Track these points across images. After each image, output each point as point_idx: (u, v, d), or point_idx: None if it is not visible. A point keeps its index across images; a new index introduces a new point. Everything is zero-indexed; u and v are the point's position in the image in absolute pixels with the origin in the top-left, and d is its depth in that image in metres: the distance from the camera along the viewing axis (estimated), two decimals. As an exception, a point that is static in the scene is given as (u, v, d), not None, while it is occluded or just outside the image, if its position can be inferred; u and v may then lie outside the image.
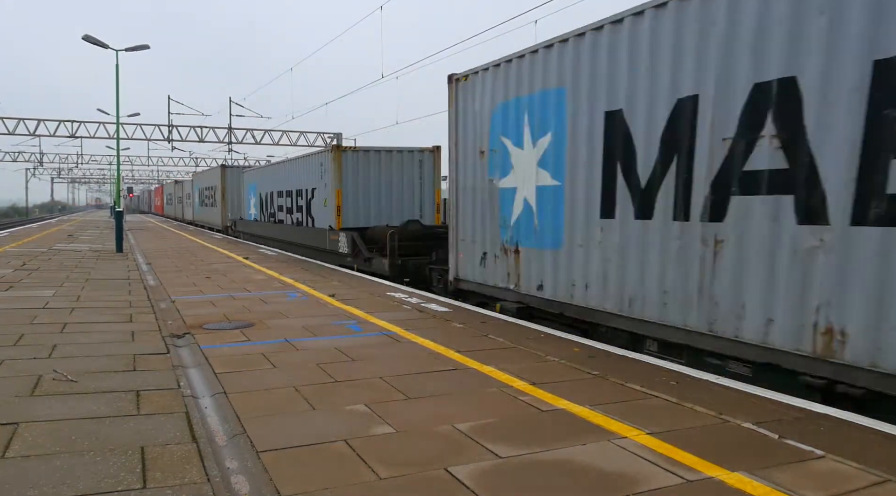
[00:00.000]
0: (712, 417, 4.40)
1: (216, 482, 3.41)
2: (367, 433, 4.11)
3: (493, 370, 5.61)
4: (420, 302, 9.44)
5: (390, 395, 4.91)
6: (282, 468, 3.55)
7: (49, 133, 39.12)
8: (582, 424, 4.28)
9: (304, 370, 5.63)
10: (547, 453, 3.78)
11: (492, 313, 8.59)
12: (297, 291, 10.57)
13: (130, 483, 3.37)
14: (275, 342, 6.75)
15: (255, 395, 4.89)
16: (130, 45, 20.52)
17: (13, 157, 58.72)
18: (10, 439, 3.95)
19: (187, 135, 41.54)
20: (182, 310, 8.66)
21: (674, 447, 3.86)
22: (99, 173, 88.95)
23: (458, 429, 4.18)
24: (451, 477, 3.45)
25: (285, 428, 4.20)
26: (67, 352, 6.24)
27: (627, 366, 5.77)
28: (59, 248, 20.25)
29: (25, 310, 8.56)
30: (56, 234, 29.11)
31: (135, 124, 40.71)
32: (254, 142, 41.15)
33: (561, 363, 5.88)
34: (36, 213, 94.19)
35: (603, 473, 3.51)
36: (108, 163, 65.44)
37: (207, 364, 5.84)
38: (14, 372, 5.51)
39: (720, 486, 3.35)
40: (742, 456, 3.74)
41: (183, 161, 61.27)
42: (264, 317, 8.14)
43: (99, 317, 8.23)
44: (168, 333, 7.19)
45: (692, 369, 5.75)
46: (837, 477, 3.47)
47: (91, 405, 4.64)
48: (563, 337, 7.06)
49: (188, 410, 4.57)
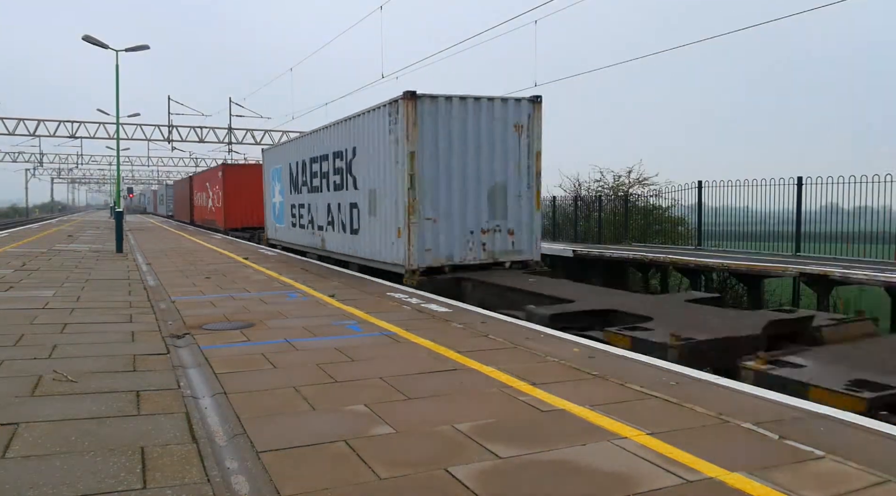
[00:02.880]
0: (712, 417, 4.40)
1: (216, 482, 3.41)
2: (367, 433, 4.11)
3: (493, 370, 5.61)
4: (420, 302, 9.44)
5: (390, 396, 4.91)
6: (282, 468, 3.55)
7: (49, 133, 39.18)
8: (582, 424, 4.28)
9: (304, 370, 5.63)
10: (547, 453, 3.78)
11: (492, 313, 8.60)
12: (296, 292, 10.57)
13: (130, 483, 3.38)
14: (275, 342, 6.75)
15: (255, 396, 4.89)
16: (130, 45, 20.52)
17: (13, 157, 58.75)
18: (11, 439, 3.95)
19: (187, 135, 41.60)
20: (182, 311, 8.66)
21: (674, 447, 3.86)
22: (99, 173, 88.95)
23: (458, 429, 4.18)
24: (451, 477, 3.45)
25: (285, 428, 4.20)
26: (67, 353, 6.24)
27: (627, 367, 5.77)
28: (59, 248, 20.25)
29: (25, 311, 8.56)
30: (56, 234, 29.12)
31: (135, 124, 40.78)
32: (254, 142, 41.19)
33: (561, 363, 5.88)
34: (36, 213, 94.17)
35: (603, 473, 3.51)
36: (108, 163, 65.46)
37: (207, 364, 5.84)
38: (14, 372, 5.51)
39: (720, 486, 3.35)
40: (742, 456, 3.74)
41: (183, 161, 61.32)
42: (264, 318, 8.14)
43: (99, 317, 8.23)
44: (168, 334, 7.19)
45: (692, 369, 5.76)
46: (837, 477, 3.47)
47: (91, 405, 4.64)
48: (563, 337, 7.06)
49: (188, 411, 4.57)
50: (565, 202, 28.02)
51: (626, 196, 25.85)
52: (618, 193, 27.40)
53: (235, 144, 41.36)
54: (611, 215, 26.04)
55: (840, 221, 16.68)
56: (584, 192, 29.19)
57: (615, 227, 25.20)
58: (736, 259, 15.93)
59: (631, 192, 26.71)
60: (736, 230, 21.00)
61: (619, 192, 27.38)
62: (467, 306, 9.20)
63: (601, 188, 28.80)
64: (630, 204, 25.03)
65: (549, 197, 28.08)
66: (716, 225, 20.96)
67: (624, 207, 24.97)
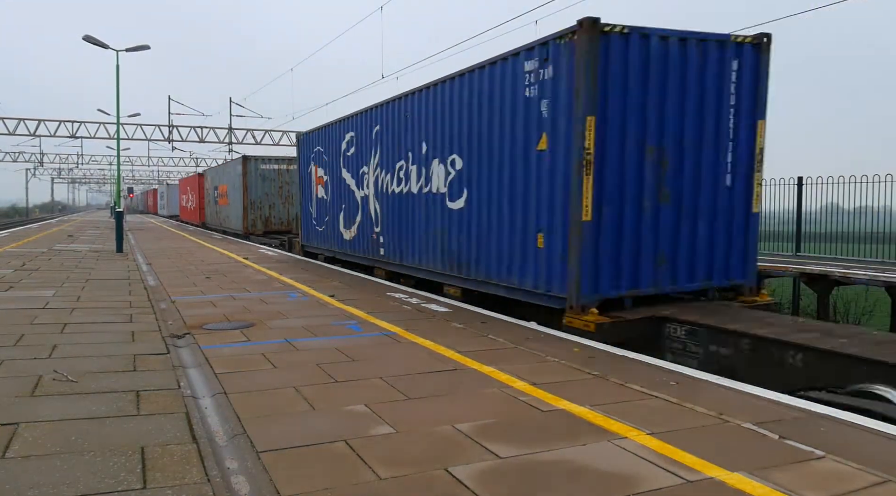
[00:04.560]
0: (712, 417, 4.40)
1: (216, 482, 3.41)
2: (368, 433, 4.11)
3: (493, 370, 5.61)
4: (420, 302, 9.43)
5: (390, 396, 4.91)
6: (282, 468, 3.55)
7: (49, 133, 39.16)
8: (582, 424, 4.28)
9: (304, 370, 5.63)
10: (547, 453, 3.78)
11: (492, 313, 8.58)
12: (297, 292, 10.57)
13: (130, 483, 3.37)
14: (275, 342, 6.75)
15: (255, 396, 4.89)
16: (131, 46, 20.53)
17: (13, 157, 58.77)
18: (11, 439, 3.95)
19: (188, 135, 41.57)
20: (182, 311, 8.66)
21: (674, 447, 3.86)
22: (99, 173, 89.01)
23: (458, 429, 4.18)
24: (451, 477, 3.45)
25: (285, 428, 4.20)
26: (67, 353, 6.24)
27: (627, 367, 5.77)
28: (59, 248, 20.26)
29: (26, 311, 8.56)
30: (56, 234, 29.12)
31: (135, 124, 40.77)
32: (254, 142, 41.19)
33: (561, 363, 5.88)
34: (36, 213, 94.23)
35: (603, 473, 3.51)
36: (108, 163, 65.54)
37: (207, 364, 5.84)
38: (14, 372, 5.51)
39: (720, 487, 3.35)
40: (742, 456, 3.74)
41: (183, 161, 61.34)
42: (264, 318, 8.14)
43: (99, 317, 8.23)
44: (168, 334, 7.19)
45: (692, 369, 5.76)
46: (837, 477, 3.47)
47: (91, 405, 4.64)
48: (563, 337, 7.06)
49: (188, 410, 4.57)
50: None
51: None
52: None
53: (236, 144, 41.35)
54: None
55: (840, 221, 16.69)
56: None
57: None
58: (736, 259, 15.91)
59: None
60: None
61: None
62: (467, 306, 9.18)
63: None
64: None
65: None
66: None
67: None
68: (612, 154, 7.35)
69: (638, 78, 7.40)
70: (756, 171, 8.18)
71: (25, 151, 58.37)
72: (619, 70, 7.29)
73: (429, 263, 10.69)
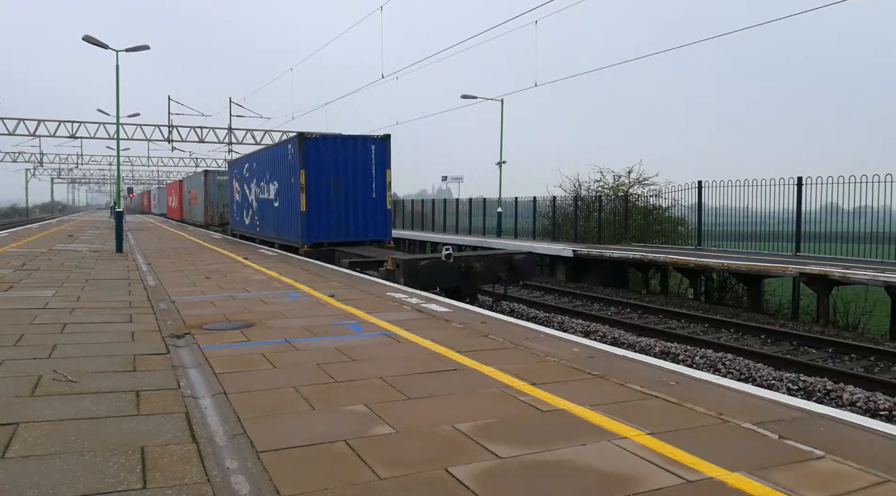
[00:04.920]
0: (712, 417, 4.40)
1: (216, 482, 3.41)
2: (367, 433, 4.11)
3: (493, 370, 5.61)
4: (420, 302, 9.44)
5: (390, 395, 4.91)
6: (282, 468, 3.55)
7: (49, 133, 39.15)
8: (582, 424, 4.28)
9: (304, 370, 5.63)
10: (547, 453, 3.78)
11: (492, 313, 8.60)
12: (296, 291, 10.57)
13: (130, 483, 3.37)
14: (275, 342, 6.75)
15: (255, 396, 4.89)
16: (131, 45, 20.51)
17: (13, 157, 58.71)
18: (10, 439, 3.95)
19: (187, 135, 41.57)
20: (182, 311, 8.66)
21: (674, 447, 3.86)
22: (99, 173, 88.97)
23: (458, 429, 4.18)
24: (451, 477, 3.45)
25: (285, 428, 4.20)
26: (67, 353, 6.24)
27: (627, 367, 5.77)
28: (59, 248, 20.26)
29: (25, 311, 8.56)
30: (56, 234, 29.12)
31: (135, 125, 40.74)
32: (254, 142, 41.15)
33: (561, 363, 5.88)
34: (36, 213, 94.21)
35: (603, 473, 3.51)
36: (108, 163, 65.43)
37: (207, 364, 5.84)
38: (14, 372, 5.51)
39: (720, 486, 3.35)
40: (742, 456, 3.74)
41: (183, 161, 61.29)
42: (264, 318, 8.14)
43: (99, 317, 8.24)
44: (168, 334, 7.19)
45: (692, 369, 5.76)
46: (837, 477, 3.47)
47: (91, 405, 4.64)
48: (563, 337, 7.06)
49: (188, 410, 4.57)
50: (565, 202, 28.01)
51: (626, 196, 25.84)
52: (617, 193, 27.39)
53: (235, 144, 41.35)
54: (611, 215, 26.03)
55: (840, 221, 16.69)
56: (584, 192, 29.17)
57: (615, 227, 25.20)
58: (736, 259, 15.94)
59: (631, 192, 26.70)
60: (736, 230, 21.02)
61: (619, 193, 27.37)
62: (467, 306, 9.20)
63: (601, 188, 28.78)
64: (630, 204, 25.02)
65: (548, 197, 28.08)
66: (716, 225, 20.97)
67: (624, 207, 24.97)
68: (313, 184, 17.55)
69: (327, 152, 17.57)
70: (387, 190, 18.22)
71: (25, 151, 58.32)
72: (314, 149, 17.46)
73: (269, 234, 21.54)
